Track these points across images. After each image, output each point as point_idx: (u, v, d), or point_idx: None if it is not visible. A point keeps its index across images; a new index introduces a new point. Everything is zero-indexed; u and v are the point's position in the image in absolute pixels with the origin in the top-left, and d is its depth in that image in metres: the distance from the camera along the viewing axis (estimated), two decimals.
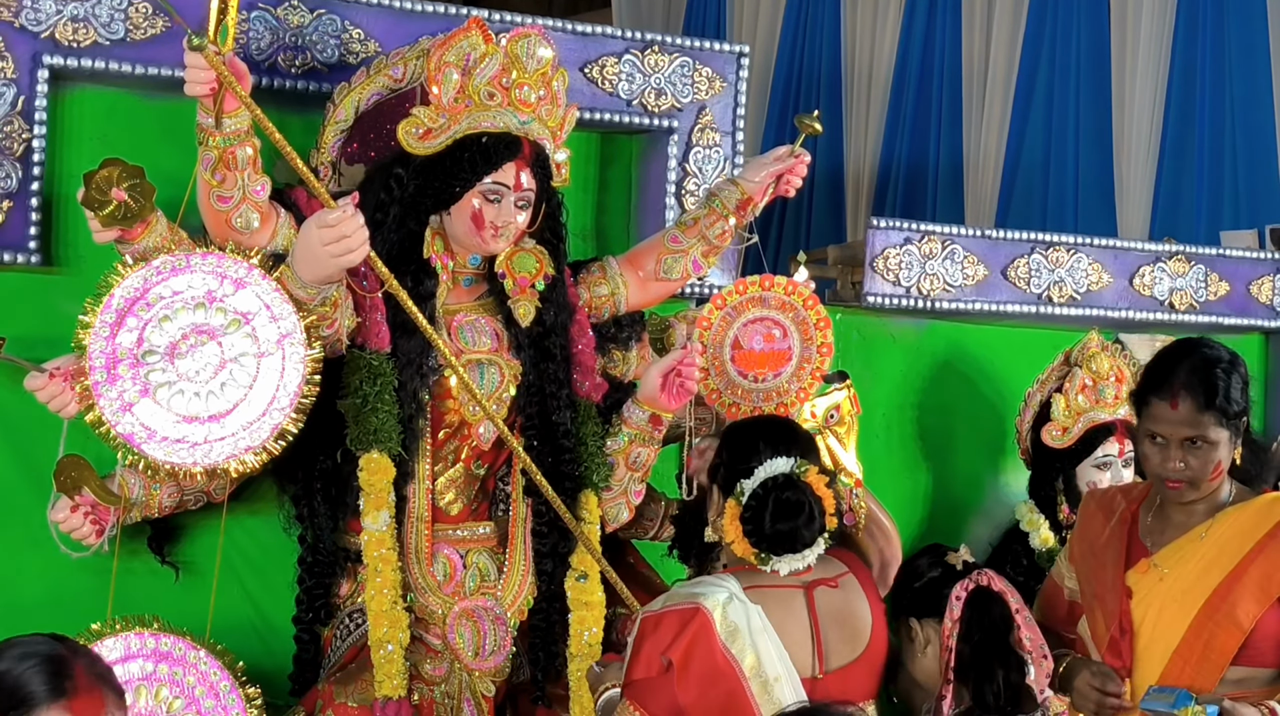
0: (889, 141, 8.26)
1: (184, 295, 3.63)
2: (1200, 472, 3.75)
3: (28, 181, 3.93)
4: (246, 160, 3.67)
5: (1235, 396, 3.76)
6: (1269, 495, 3.92)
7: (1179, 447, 3.75)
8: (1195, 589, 3.79)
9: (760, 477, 3.82)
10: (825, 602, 3.81)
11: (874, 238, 5.10)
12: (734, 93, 4.75)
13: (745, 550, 3.81)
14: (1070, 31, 7.63)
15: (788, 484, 3.81)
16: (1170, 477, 3.77)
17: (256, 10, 4.09)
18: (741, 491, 3.82)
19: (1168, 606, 3.81)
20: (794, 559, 3.81)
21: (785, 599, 3.78)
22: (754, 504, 3.80)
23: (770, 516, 3.77)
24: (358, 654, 3.96)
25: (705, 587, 3.72)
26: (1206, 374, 3.75)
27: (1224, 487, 3.84)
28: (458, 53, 3.89)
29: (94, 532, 3.80)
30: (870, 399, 4.83)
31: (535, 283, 4.06)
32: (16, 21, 3.90)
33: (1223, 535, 3.80)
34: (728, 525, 3.82)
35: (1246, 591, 3.74)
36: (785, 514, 3.78)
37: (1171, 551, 3.84)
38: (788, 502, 3.78)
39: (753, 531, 3.79)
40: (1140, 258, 5.53)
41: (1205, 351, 3.82)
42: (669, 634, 3.62)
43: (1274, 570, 3.74)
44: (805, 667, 3.75)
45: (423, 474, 4.00)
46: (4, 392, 3.87)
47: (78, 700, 2.80)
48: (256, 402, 3.66)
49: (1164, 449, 3.77)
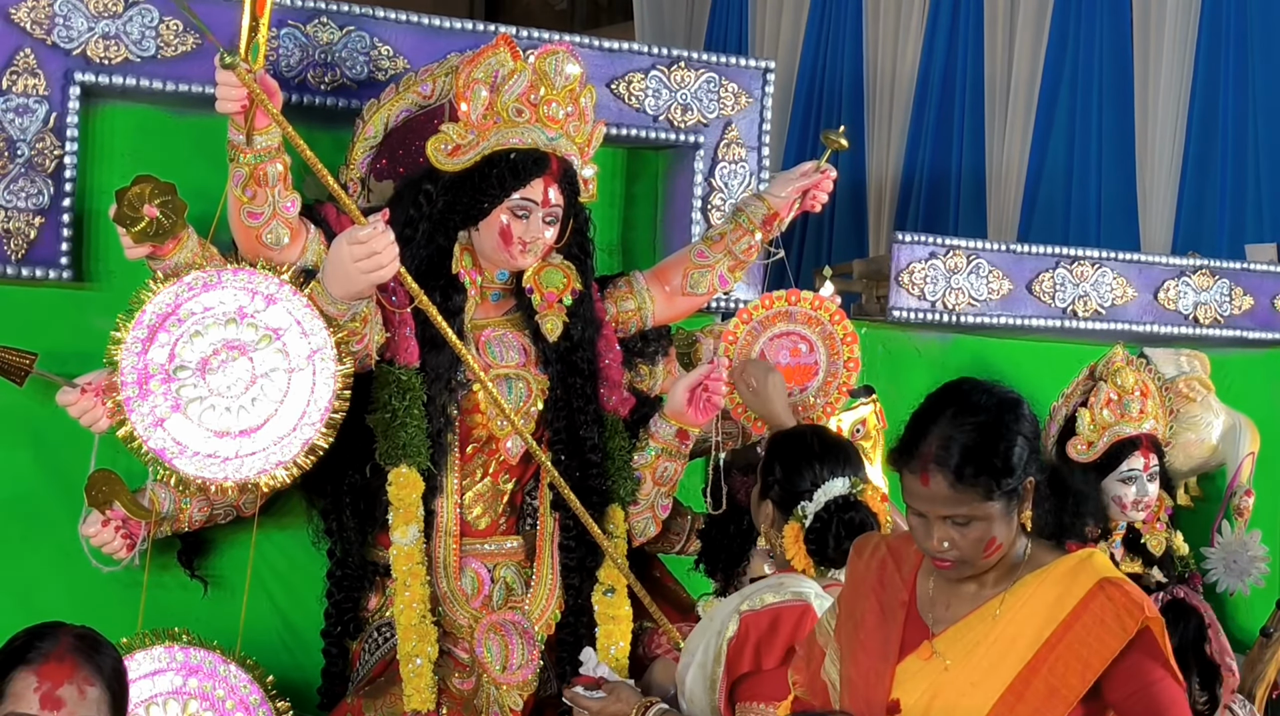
0: (911, 154, 8.27)
1: (215, 311, 3.66)
2: (970, 552, 3.01)
3: (59, 197, 3.96)
4: (277, 177, 3.69)
5: (1003, 462, 2.98)
6: (1073, 557, 3.11)
7: (941, 524, 3.01)
8: (987, 683, 3.03)
9: (821, 501, 3.84)
10: None
11: (899, 252, 5.11)
12: (759, 108, 4.76)
13: (805, 563, 3.83)
14: (1093, 44, 7.63)
15: (848, 505, 3.84)
16: (936, 556, 3.05)
17: (286, 27, 4.12)
18: (804, 513, 3.84)
19: (954, 704, 3.04)
20: None
21: None
22: (818, 526, 3.82)
23: (834, 538, 3.79)
24: (386, 667, 3.97)
25: (795, 586, 3.73)
26: (963, 442, 2.98)
27: (1019, 545, 3.08)
28: (486, 69, 3.91)
29: (125, 547, 3.82)
30: (895, 413, 4.78)
31: (563, 298, 4.08)
32: (49, 39, 3.93)
33: (1020, 613, 3.04)
34: (790, 544, 3.83)
35: (1048, 686, 3.00)
36: (850, 533, 3.80)
37: (958, 634, 3.07)
38: (851, 523, 3.81)
39: (817, 551, 3.81)
40: (1165, 272, 5.53)
41: (964, 408, 3.04)
42: (787, 627, 3.62)
43: (1080, 659, 3.00)
44: None
45: (451, 488, 4.01)
46: (36, 407, 3.89)
47: (45, 666, 2.93)
48: (287, 418, 3.68)
49: (926, 524, 3.04)
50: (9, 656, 2.99)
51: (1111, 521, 5.00)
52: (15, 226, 3.92)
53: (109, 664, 3.03)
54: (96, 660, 3.02)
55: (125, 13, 3.99)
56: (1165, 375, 5.32)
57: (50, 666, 2.96)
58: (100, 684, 3.00)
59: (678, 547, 4.43)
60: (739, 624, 3.67)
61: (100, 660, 3.02)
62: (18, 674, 2.97)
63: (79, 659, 3.00)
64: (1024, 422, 3.05)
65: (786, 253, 4.38)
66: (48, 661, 2.97)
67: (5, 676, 2.99)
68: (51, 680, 2.96)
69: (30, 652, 2.98)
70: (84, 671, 2.99)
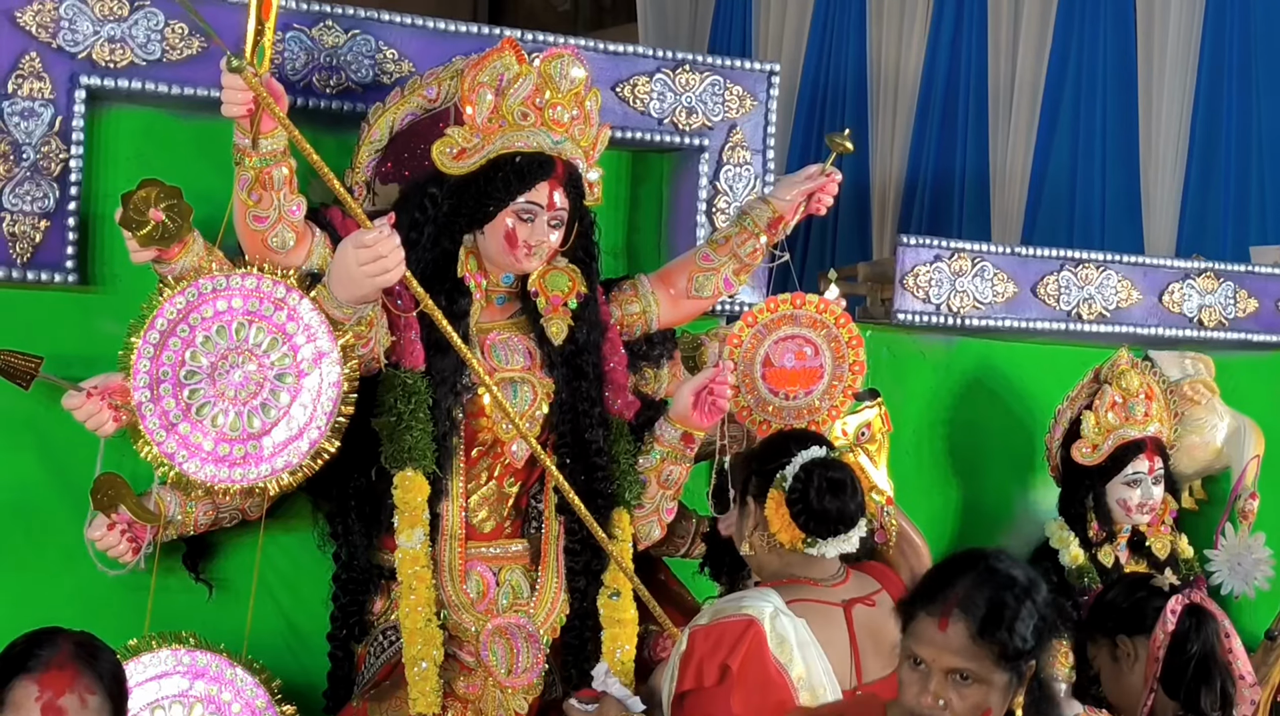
0: (915, 156, 8.26)
1: (224, 316, 3.66)
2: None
3: (65, 201, 3.96)
4: (283, 180, 3.69)
5: (1023, 631, 2.96)
6: None
7: (942, 679, 2.97)
8: None
9: (800, 462, 3.86)
10: (862, 620, 3.83)
11: (904, 255, 5.11)
12: (764, 111, 4.76)
13: (793, 536, 3.83)
14: (1096, 46, 7.63)
15: (829, 463, 3.86)
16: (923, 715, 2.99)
17: (292, 31, 4.12)
18: (784, 477, 3.85)
19: None
20: (841, 541, 3.85)
21: (825, 614, 3.79)
22: (799, 486, 3.83)
23: (817, 493, 3.81)
24: (391, 671, 3.97)
25: (751, 601, 3.73)
26: (994, 594, 2.97)
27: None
28: (491, 73, 3.92)
29: (130, 550, 3.82)
30: (900, 416, 4.84)
31: (568, 301, 4.08)
32: (54, 42, 3.93)
33: None
34: (773, 515, 3.84)
35: None
36: (832, 489, 3.83)
37: None
38: (833, 480, 3.84)
39: (801, 511, 3.81)
40: (1169, 274, 5.53)
41: (997, 566, 3.04)
42: (726, 644, 3.62)
43: None
44: (844, 680, 3.77)
45: (456, 491, 4.01)
46: (41, 411, 3.89)
47: (47, 675, 2.96)
48: (295, 421, 3.68)
49: (924, 678, 3.00)
50: (9, 664, 3.00)
51: (1116, 524, 5.00)
52: (20, 230, 3.92)
53: (108, 670, 3.04)
54: (96, 667, 3.03)
55: (131, 16, 3.98)
56: (1170, 378, 5.33)
57: (51, 675, 2.97)
58: (101, 691, 3.01)
59: (683, 551, 4.44)
60: (688, 638, 3.68)
61: (100, 667, 3.03)
62: (19, 682, 2.98)
63: (80, 666, 3.00)
64: (1048, 605, 3.03)
65: (791, 255, 4.38)
66: (49, 670, 2.97)
67: (6, 685, 2.99)
68: (53, 689, 2.97)
69: (31, 661, 2.99)
70: (85, 679, 3.00)
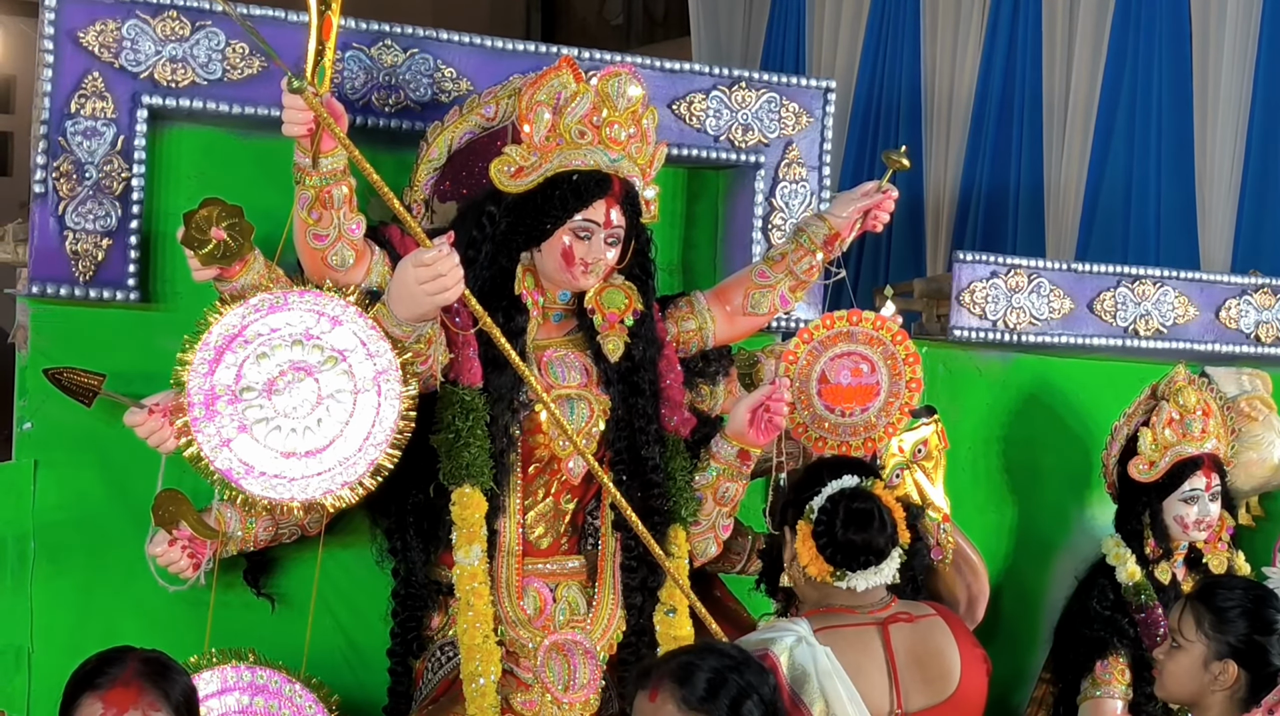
0: (969, 172, 8.23)
1: (282, 332, 3.68)
2: None
3: (127, 219, 3.99)
4: (342, 199, 3.71)
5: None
6: None
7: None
8: None
9: (827, 493, 3.85)
10: (901, 640, 3.82)
11: (960, 271, 5.10)
12: (820, 127, 4.76)
13: (821, 569, 3.83)
14: (1152, 60, 7.58)
15: (856, 495, 3.85)
16: None
17: (351, 50, 4.14)
18: (811, 509, 3.85)
19: None
20: (871, 574, 3.84)
21: (857, 637, 3.79)
22: (824, 518, 3.83)
23: (841, 524, 3.81)
24: (449, 686, 3.98)
25: (775, 633, 3.74)
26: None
27: None
28: (549, 91, 3.93)
29: (191, 566, 3.84)
30: (956, 433, 4.83)
31: (624, 318, 4.09)
32: (116, 62, 3.96)
33: None
34: (801, 546, 3.84)
35: None
36: (856, 521, 3.82)
37: None
38: (858, 512, 3.83)
39: (826, 543, 3.81)
40: (1226, 290, 5.51)
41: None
42: None
43: None
44: (881, 706, 3.75)
45: (513, 508, 4.02)
46: (103, 428, 3.92)
47: (112, 691, 2.99)
48: (353, 438, 3.69)
49: None
50: (78, 683, 3.02)
51: (1173, 541, 4.98)
52: (83, 248, 3.95)
53: (178, 689, 3.05)
54: (163, 684, 3.04)
55: (192, 36, 4.02)
56: (1227, 394, 5.29)
57: (117, 692, 2.99)
58: (167, 709, 3.02)
59: (738, 567, 4.43)
60: None
61: (168, 685, 3.05)
62: (85, 700, 3.00)
63: (145, 683, 3.02)
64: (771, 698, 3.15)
65: (846, 272, 4.38)
66: (114, 686, 2.99)
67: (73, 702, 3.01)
68: (117, 705, 2.99)
69: (99, 678, 3.01)
70: (150, 696, 3.01)
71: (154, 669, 3.06)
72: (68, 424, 3.95)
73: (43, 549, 3.99)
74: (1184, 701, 3.91)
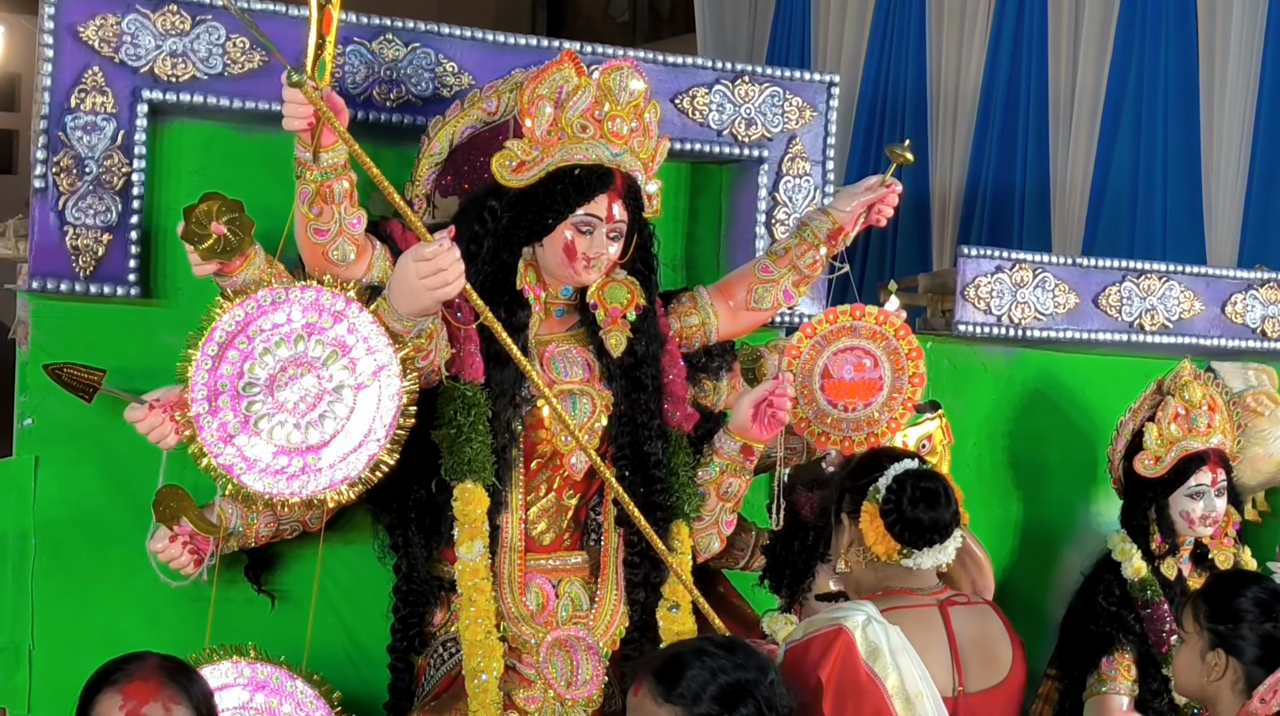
0: (975, 167, 8.23)
1: (283, 328, 3.67)
2: None
3: (127, 214, 3.99)
4: (343, 194, 3.70)
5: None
6: None
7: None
8: None
9: (893, 473, 3.86)
10: (961, 622, 3.84)
11: (965, 266, 5.09)
12: (824, 122, 4.75)
13: (889, 547, 3.84)
14: (1158, 55, 7.58)
15: (922, 474, 3.88)
16: None
17: (352, 44, 4.13)
18: (878, 489, 3.86)
19: None
20: (936, 552, 3.86)
21: (922, 618, 3.80)
22: (893, 497, 3.84)
23: (910, 502, 3.83)
24: (451, 682, 3.97)
25: (844, 611, 3.73)
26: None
27: None
28: (551, 85, 3.92)
29: (192, 562, 3.84)
30: (961, 428, 4.82)
31: (627, 313, 4.07)
32: (116, 57, 3.96)
33: None
34: (868, 527, 3.85)
35: None
36: (926, 498, 3.84)
37: None
38: (926, 489, 3.86)
39: (896, 521, 3.82)
40: (1232, 285, 5.49)
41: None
42: (816, 654, 3.61)
43: None
44: (945, 685, 3.76)
45: (516, 503, 4.01)
46: (104, 424, 3.91)
47: (131, 685, 3.02)
48: (354, 434, 3.69)
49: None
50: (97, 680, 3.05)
51: (1179, 537, 4.96)
52: (84, 243, 3.95)
53: (198, 688, 3.09)
54: (182, 681, 3.07)
55: (192, 30, 4.01)
56: (1233, 389, 5.28)
57: (135, 685, 3.02)
58: (187, 703, 3.04)
59: (742, 563, 4.43)
60: (784, 654, 3.68)
61: (187, 682, 3.08)
62: (104, 695, 3.03)
63: (164, 678, 3.05)
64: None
65: (850, 266, 4.37)
66: (133, 681, 3.03)
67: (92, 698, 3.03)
68: (136, 698, 3.01)
69: (116, 674, 3.03)
70: (169, 690, 3.03)
71: (174, 665, 3.09)
72: (68, 419, 3.95)
73: (43, 545, 3.99)
74: (1194, 695, 3.90)
